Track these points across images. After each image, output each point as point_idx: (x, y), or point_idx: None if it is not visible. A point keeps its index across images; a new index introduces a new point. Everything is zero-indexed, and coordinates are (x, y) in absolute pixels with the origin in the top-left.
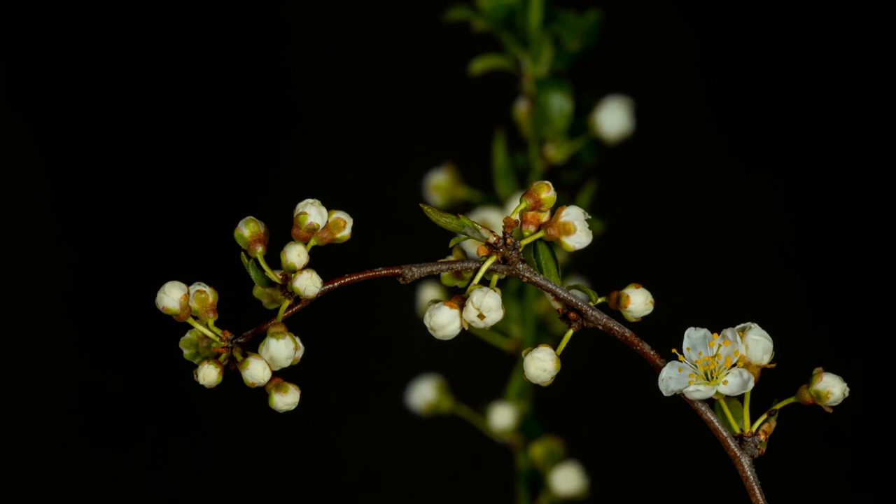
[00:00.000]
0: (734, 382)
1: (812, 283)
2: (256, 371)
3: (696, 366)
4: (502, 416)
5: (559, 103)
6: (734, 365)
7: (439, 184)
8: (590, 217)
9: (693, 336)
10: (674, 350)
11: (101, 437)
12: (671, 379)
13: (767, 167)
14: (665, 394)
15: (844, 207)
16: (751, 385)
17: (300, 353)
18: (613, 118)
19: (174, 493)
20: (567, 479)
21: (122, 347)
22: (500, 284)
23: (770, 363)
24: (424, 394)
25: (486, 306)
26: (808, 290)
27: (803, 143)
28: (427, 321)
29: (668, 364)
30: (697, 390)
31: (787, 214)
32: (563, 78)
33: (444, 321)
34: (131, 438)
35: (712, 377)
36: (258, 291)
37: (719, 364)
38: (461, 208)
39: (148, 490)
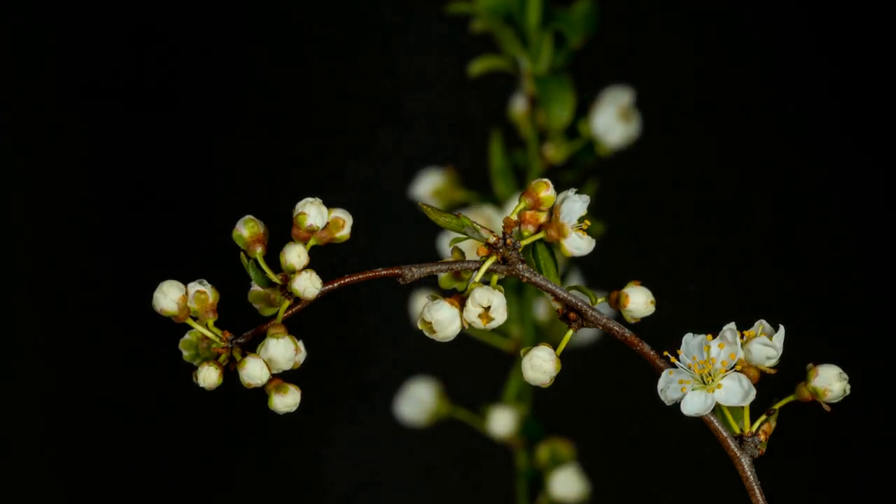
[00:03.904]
0: (734, 391)
1: (814, 282)
2: (254, 370)
3: (691, 370)
4: (502, 422)
5: (563, 98)
6: (732, 368)
7: (438, 188)
8: (585, 215)
9: (690, 342)
10: (666, 353)
11: (101, 437)
12: (668, 388)
13: (769, 164)
14: (667, 403)
15: (845, 205)
16: (752, 395)
17: (301, 357)
18: (613, 130)
19: (175, 495)
20: (566, 483)
21: (122, 347)
22: (498, 281)
23: (771, 368)
24: (421, 399)
25: (495, 306)
26: (809, 289)
27: (805, 140)
28: (426, 316)
29: (664, 372)
30: (695, 411)
31: (790, 213)
32: (564, 73)
33: (444, 319)
34: (131, 439)
35: (708, 380)
36: (253, 296)
37: (715, 367)
38: (460, 209)
39: (148, 491)
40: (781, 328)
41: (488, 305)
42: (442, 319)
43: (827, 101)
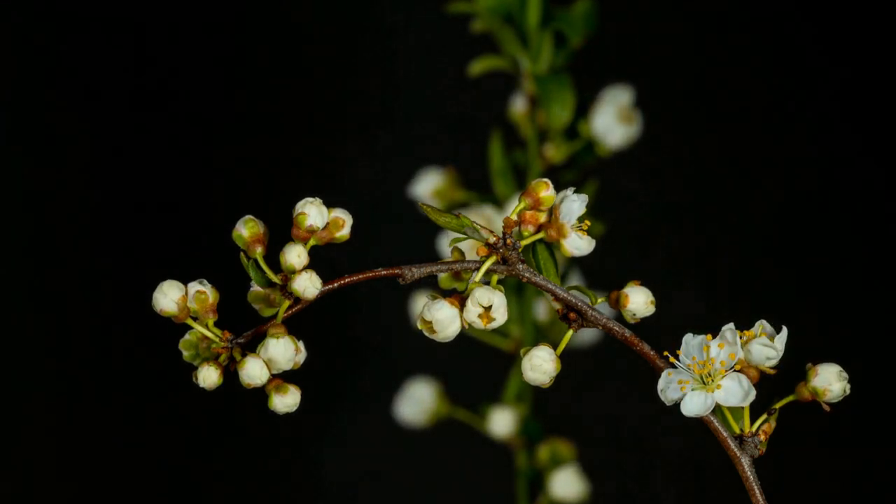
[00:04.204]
0: (734, 391)
1: (814, 282)
2: (254, 370)
3: (690, 370)
4: (502, 422)
5: (563, 98)
6: (731, 368)
7: (438, 188)
8: (584, 214)
9: (690, 342)
10: (666, 353)
11: (100, 437)
12: (668, 388)
13: (770, 163)
14: (667, 404)
15: (846, 205)
16: (752, 396)
17: (301, 358)
18: (612, 131)
19: (174, 495)
20: (566, 483)
21: (122, 347)
22: (498, 281)
23: (771, 368)
24: (421, 399)
25: (496, 306)
26: (809, 289)
27: (806, 139)
28: (426, 315)
29: (664, 373)
30: (694, 411)
31: (790, 213)
32: (565, 73)
33: (445, 318)
34: (130, 439)
35: (707, 381)
36: (253, 297)
37: (714, 367)
38: (460, 209)
39: (146, 491)
40: (784, 329)
41: (489, 305)
42: (442, 319)
43: (827, 101)
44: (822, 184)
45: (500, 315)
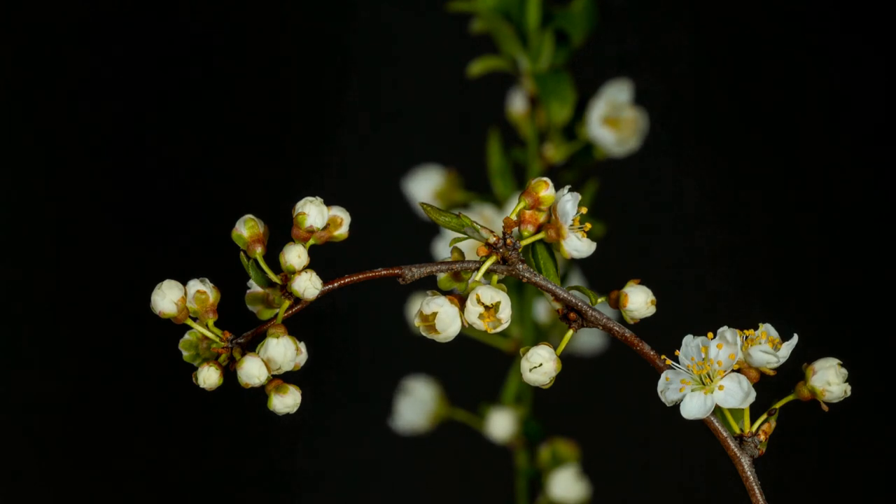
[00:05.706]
0: (734, 393)
1: (815, 281)
2: (252, 370)
3: (690, 371)
4: (500, 425)
5: (562, 94)
6: (731, 369)
7: (438, 189)
8: (584, 216)
9: (690, 343)
10: (663, 356)
11: (99, 437)
12: (668, 389)
13: (770, 163)
14: (667, 404)
15: (846, 204)
16: (752, 397)
17: (302, 359)
18: (608, 140)
19: (171, 495)
20: (565, 484)
21: (121, 347)
22: (498, 281)
23: (771, 370)
24: (421, 400)
25: (503, 306)
26: (811, 289)
27: (806, 139)
28: (426, 309)
29: (663, 374)
30: (694, 413)
31: (791, 212)
32: (564, 71)
33: (447, 316)
34: (129, 439)
35: (707, 381)
36: (250, 299)
37: (714, 368)
38: (460, 209)
39: (144, 492)
40: (795, 336)
41: (493, 304)
42: (443, 317)
43: (826, 101)
44: (824, 183)
45: (506, 316)
